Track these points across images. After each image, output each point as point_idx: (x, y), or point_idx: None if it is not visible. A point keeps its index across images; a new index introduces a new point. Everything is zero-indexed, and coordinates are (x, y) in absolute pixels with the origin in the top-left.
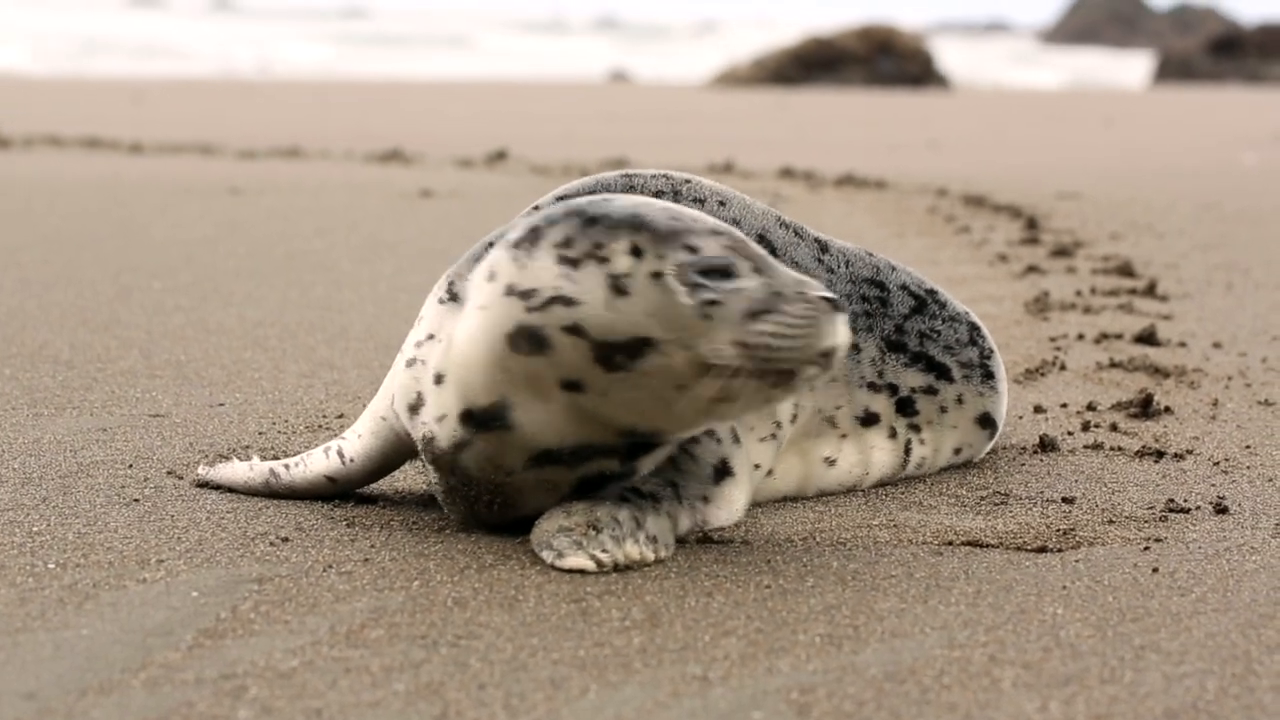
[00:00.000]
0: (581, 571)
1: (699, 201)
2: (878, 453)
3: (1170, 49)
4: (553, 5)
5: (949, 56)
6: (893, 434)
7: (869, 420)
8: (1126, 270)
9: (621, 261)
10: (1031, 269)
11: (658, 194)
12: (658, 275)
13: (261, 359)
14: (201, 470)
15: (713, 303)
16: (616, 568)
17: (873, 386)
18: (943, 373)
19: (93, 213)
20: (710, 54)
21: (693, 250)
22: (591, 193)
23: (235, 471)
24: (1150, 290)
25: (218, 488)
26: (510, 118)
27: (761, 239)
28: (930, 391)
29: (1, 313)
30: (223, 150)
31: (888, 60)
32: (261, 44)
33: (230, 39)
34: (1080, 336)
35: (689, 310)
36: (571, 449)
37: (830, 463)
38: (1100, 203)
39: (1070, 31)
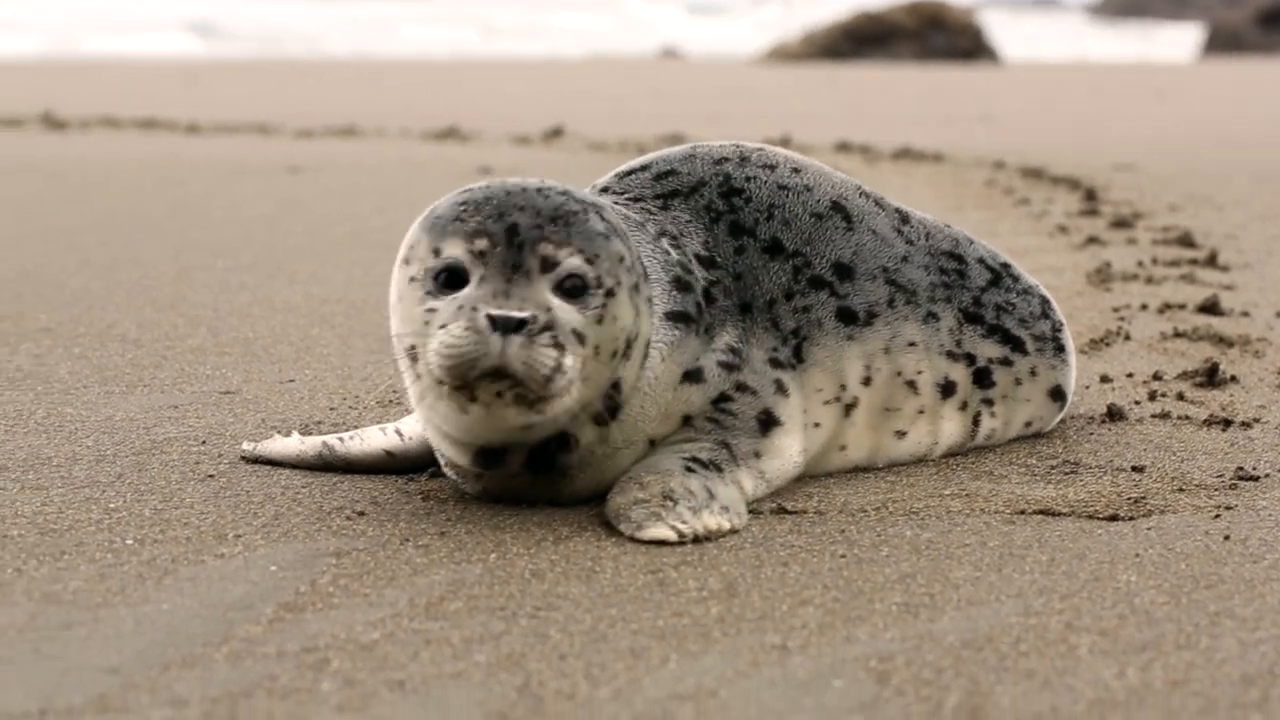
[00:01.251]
0: (661, 542)
1: (769, 167)
2: (947, 424)
3: (1219, 21)
4: None
5: (999, 31)
6: (964, 406)
7: (948, 389)
8: (1187, 241)
9: (411, 264)
10: (1092, 240)
11: (722, 160)
12: (412, 280)
13: (329, 336)
14: (246, 446)
15: (431, 311)
16: (695, 538)
17: (951, 355)
18: (1017, 345)
19: (151, 193)
20: (760, 30)
21: (437, 254)
22: (651, 168)
23: (285, 446)
24: (1211, 260)
25: (265, 462)
26: (564, 94)
27: (837, 206)
28: (1005, 363)
29: (67, 293)
30: (280, 130)
31: (938, 34)
32: (313, 23)
33: (282, 19)
34: (1143, 307)
35: (418, 318)
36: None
37: (900, 435)
38: (1157, 174)
39: (1119, 5)
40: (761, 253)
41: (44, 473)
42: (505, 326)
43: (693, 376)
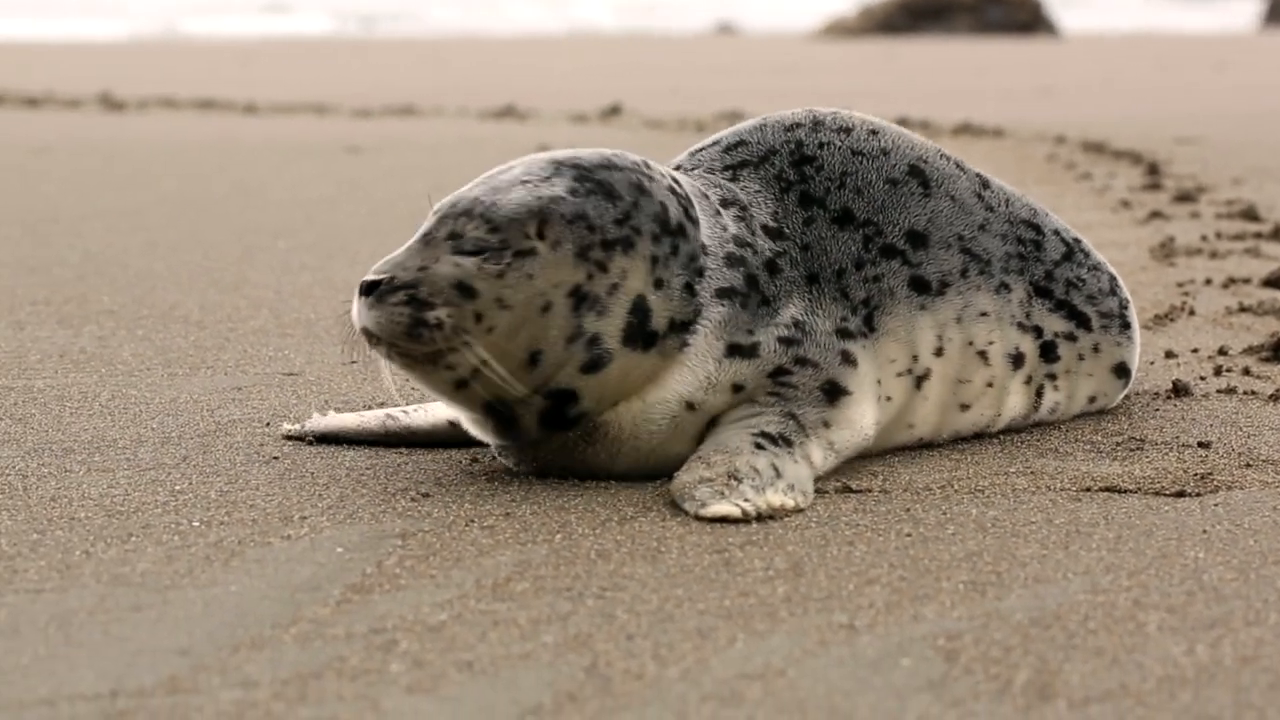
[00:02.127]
0: (725, 520)
1: (845, 130)
2: (1012, 397)
3: None
4: None
5: (1056, 2)
6: (1029, 379)
7: (1018, 361)
8: (1251, 214)
9: None
10: (1155, 214)
11: (794, 126)
12: None
13: None
14: (287, 427)
15: None
16: (759, 516)
17: (1021, 326)
18: (1083, 321)
19: (211, 174)
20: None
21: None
22: (721, 141)
23: (344, 420)
24: (1276, 234)
25: (323, 439)
26: (620, 71)
27: (914, 171)
28: (1070, 339)
29: (130, 275)
30: (337, 109)
31: (996, 7)
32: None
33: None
34: (1208, 281)
35: None
36: None
37: (965, 408)
38: (1220, 147)
39: None
40: (831, 223)
41: (110, 455)
42: (361, 290)
43: (741, 350)
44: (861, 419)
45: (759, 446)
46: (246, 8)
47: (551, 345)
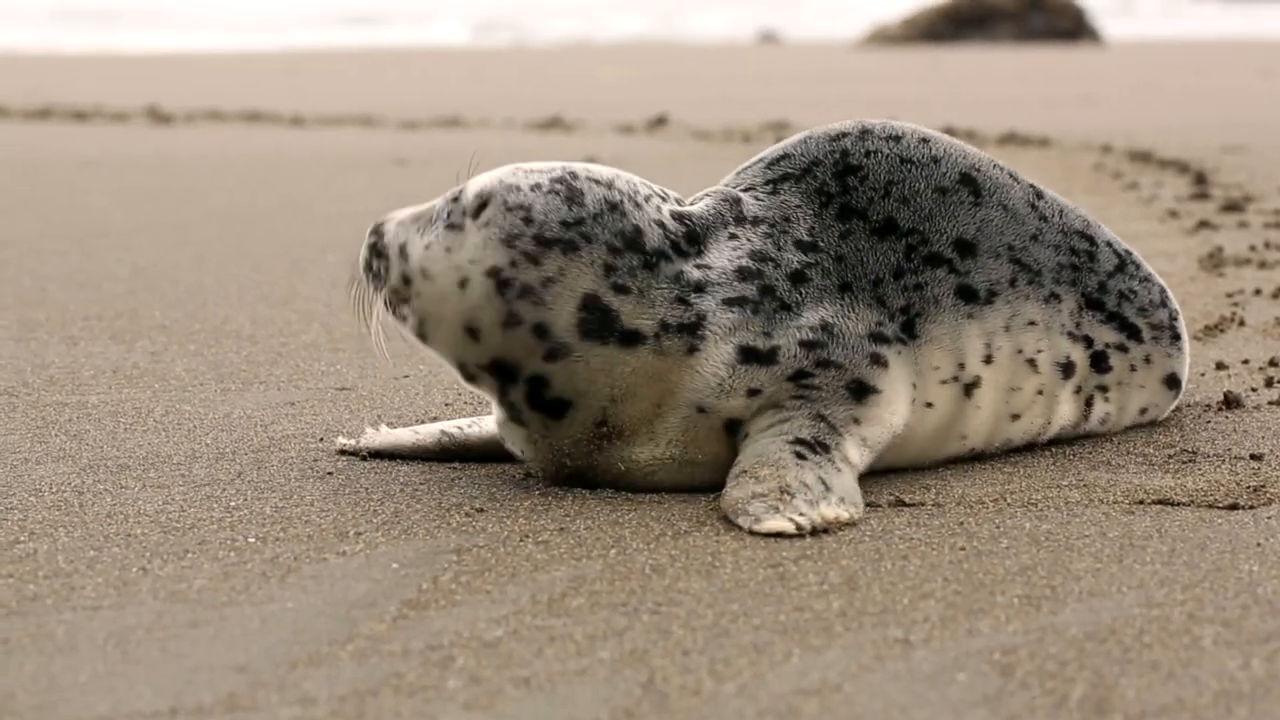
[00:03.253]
0: (780, 535)
1: (894, 139)
2: (1062, 406)
3: None
4: None
5: (1100, 8)
6: (1079, 389)
7: (1068, 370)
8: None
9: None
10: (1203, 224)
11: (840, 136)
12: None
13: None
14: (342, 441)
15: None
16: (815, 530)
17: (1071, 336)
18: (1134, 333)
19: (259, 187)
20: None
21: None
22: (765, 158)
23: (399, 436)
24: None
25: (378, 455)
26: (665, 81)
27: (966, 179)
28: (1122, 349)
29: (181, 289)
30: (384, 121)
31: (1039, 15)
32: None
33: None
34: (1257, 291)
35: None
36: None
37: (1015, 417)
38: (1267, 155)
39: None
40: (871, 234)
41: (165, 471)
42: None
43: (757, 355)
44: (892, 417)
45: (800, 456)
46: (335, 19)
47: (486, 325)
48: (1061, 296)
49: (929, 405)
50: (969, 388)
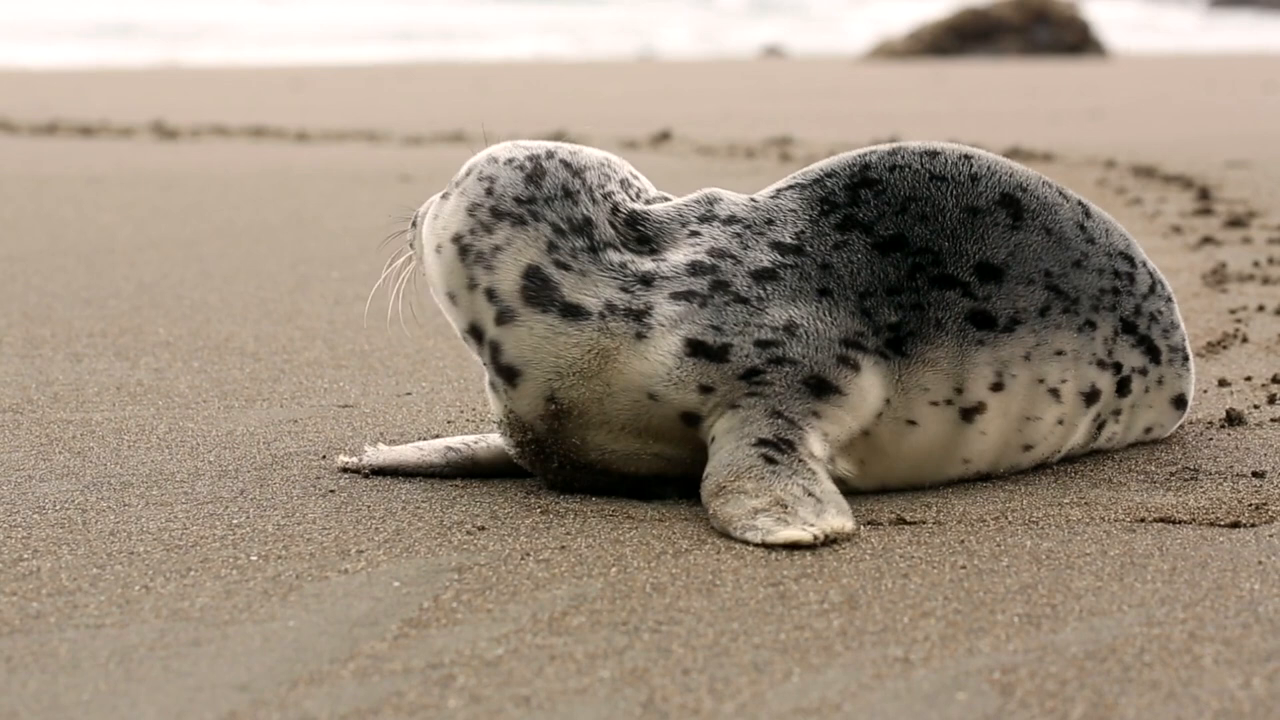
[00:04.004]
0: (795, 546)
1: (931, 154)
2: (1079, 432)
3: None
4: None
5: (1104, 21)
6: (1098, 415)
7: (1092, 398)
8: None
9: None
10: (1207, 240)
11: (869, 152)
12: None
13: (445, 348)
14: (343, 459)
15: None
16: (827, 540)
17: (1101, 364)
18: (1155, 356)
19: (264, 203)
20: (863, 27)
21: None
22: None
23: (403, 453)
24: None
25: (382, 472)
26: (668, 96)
27: (1007, 199)
28: (1143, 373)
29: (186, 306)
30: (388, 137)
31: (1044, 28)
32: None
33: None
34: (1260, 308)
35: None
36: None
37: (1028, 448)
38: (1271, 171)
39: None
40: (872, 248)
41: (168, 488)
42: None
43: (707, 350)
44: (847, 420)
45: (769, 460)
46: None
47: (457, 287)
48: (1098, 324)
49: (912, 423)
50: (969, 412)
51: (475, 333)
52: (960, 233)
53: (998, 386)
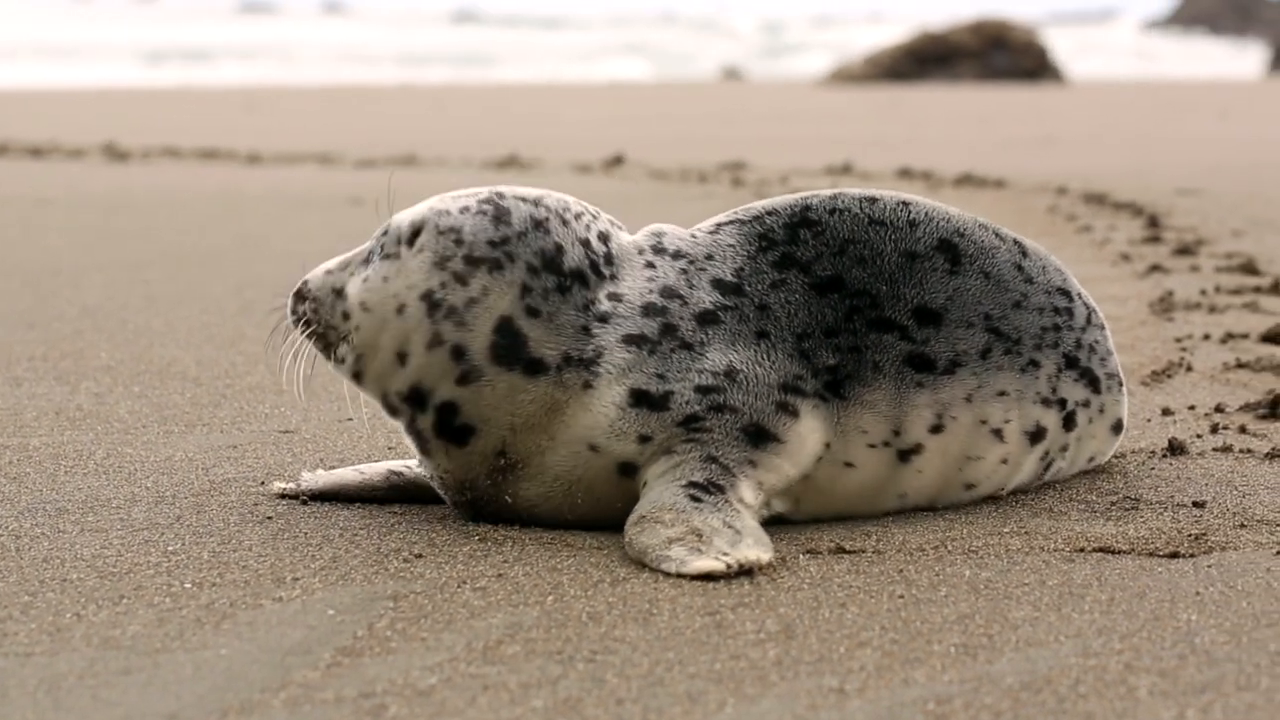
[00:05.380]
0: (709, 576)
1: (870, 200)
2: (1024, 470)
3: None
4: (661, 3)
5: (1062, 48)
6: (1045, 453)
7: (1037, 436)
8: (1250, 268)
9: None
10: (1155, 268)
11: (813, 195)
12: None
13: None
14: (280, 485)
15: None
16: (742, 569)
17: (1045, 402)
18: (1096, 386)
19: (213, 226)
20: (822, 52)
21: None
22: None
23: (343, 476)
24: (1275, 288)
25: (321, 497)
26: (624, 120)
27: (945, 245)
28: (1085, 405)
29: (129, 330)
30: (341, 159)
31: (1001, 54)
32: (370, 48)
33: (341, 43)
34: (1206, 336)
35: None
36: None
37: (970, 485)
38: (1221, 199)
39: (1185, 19)
40: (810, 289)
41: (103, 515)
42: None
43: (649, 399)
44: (785, 468)
45: (695, 499)
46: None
47: (414, 348)
48: (1041, 363)
49: (849, 465)
50: (906, 454)
51: (417, 396)
52: (898, 277)
53: (937, 429)
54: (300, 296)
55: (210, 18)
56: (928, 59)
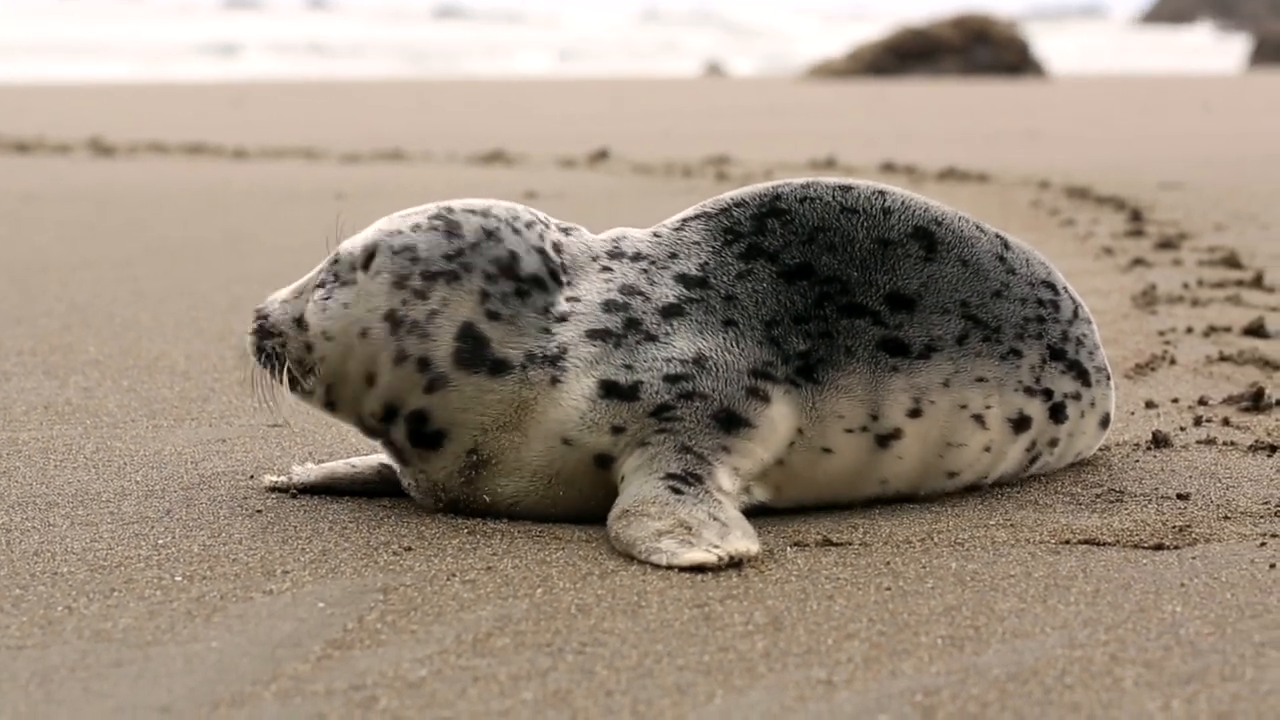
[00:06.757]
0: (701, 568)
1: (844, 189)
2: (1009, 459)
3: (1267, 30)
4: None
5: (1044, 42)
6: (1032, 444)
7: (1021, 425)
8: (1233, 261)
9: None
10: (1137, 262)
11: (785, 184)
12: None
13: None
14: (270, 478)
15: None
16: (733, 561)
17: (1029, 391)
18: (1085, 379)
19: (200, 221)
20: (806, 46)
21: None
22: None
23: (334, 469)
24: (1258, 282)
25: (311, 490)
26: (609, 115)
27: (920, 233)
28: (1076, 398)
29: (117, 324)
30: (326, 154)
31: (984, 49)
32: (358, 44)
33: (327, 39)
34: (1189, 330)
35: None
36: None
37: (952, 475)
38: (1203, 192)
39: (1167, 14)
40: (777, 277)
41: (93, 508)
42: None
43: (619, 390)
44: (764, 454)
45: (676, 491)
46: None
47: (381, 367)
48: (1024, 352)
49: (827, 450)
50: (885, 439)
51: (389, 412)
52: (870, 263)
53: (915, 413)
54: (265, 332)
55: (196, 13)
56: (910, 54)
